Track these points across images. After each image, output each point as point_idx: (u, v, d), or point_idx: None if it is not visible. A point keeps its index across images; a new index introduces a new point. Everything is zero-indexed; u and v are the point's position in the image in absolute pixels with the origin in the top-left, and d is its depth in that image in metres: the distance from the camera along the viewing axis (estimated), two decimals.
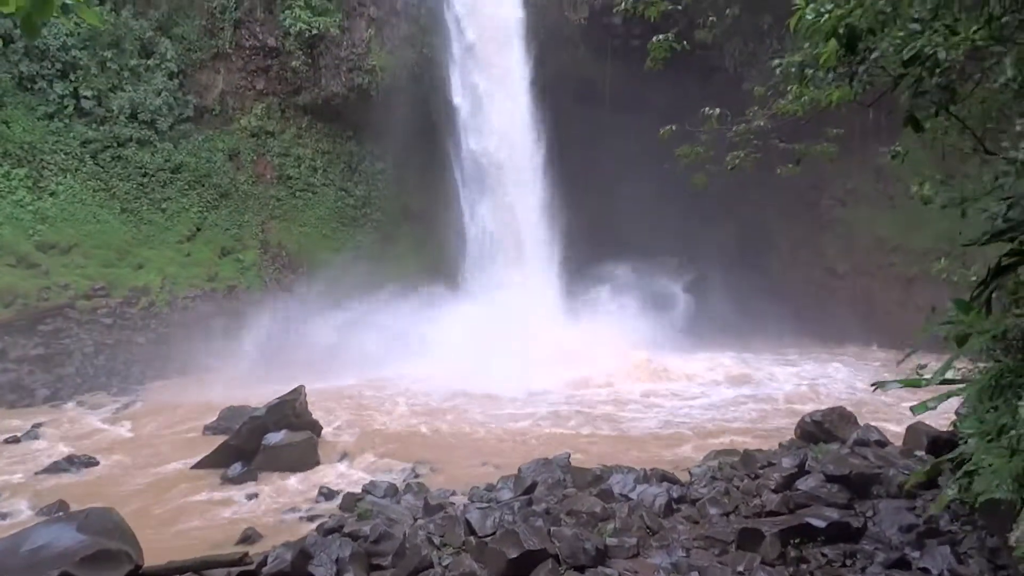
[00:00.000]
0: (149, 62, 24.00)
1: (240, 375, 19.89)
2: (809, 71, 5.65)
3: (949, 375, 5.61)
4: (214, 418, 15.88)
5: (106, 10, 23.12)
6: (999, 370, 4.77)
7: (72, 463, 13.55)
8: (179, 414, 17.13)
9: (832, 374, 20.79)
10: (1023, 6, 5.31)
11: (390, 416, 16.83)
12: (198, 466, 13.33)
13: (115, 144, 22.93)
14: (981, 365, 5.93)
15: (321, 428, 14.93)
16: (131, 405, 18.26)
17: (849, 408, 12.72)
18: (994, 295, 4.99)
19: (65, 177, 21.84)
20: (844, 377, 20.29)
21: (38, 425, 16.16)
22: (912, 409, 5.21)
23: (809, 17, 5.45)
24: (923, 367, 6.48)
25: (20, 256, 19.86)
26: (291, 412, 14.20)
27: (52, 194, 21.46)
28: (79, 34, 22.27)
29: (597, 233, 25.97)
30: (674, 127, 8.66)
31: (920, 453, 9.58)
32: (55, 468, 13.34)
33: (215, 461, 13.27)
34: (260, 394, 16.33)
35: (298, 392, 14.74)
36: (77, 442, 15.15)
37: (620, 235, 24.89)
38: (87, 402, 18.63)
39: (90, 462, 13.68)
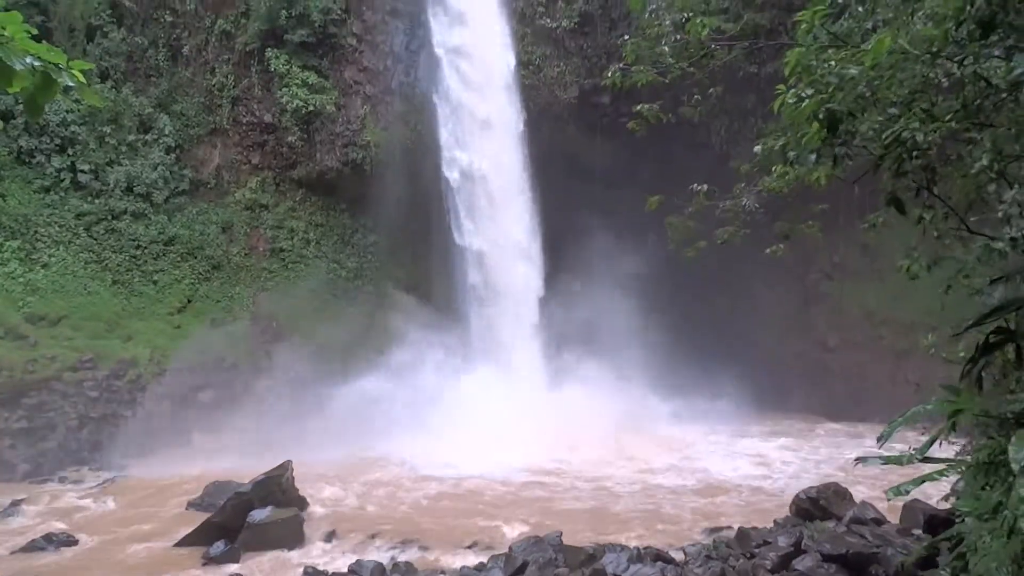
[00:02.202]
0: (147, 137, 24.46)
1: (227, 449, 19.55)
2: (792, 154, 5.81)
3: (943, 453, 5.57)
4: (199, 494, 15.53)
5: (107, 87, 23.69)
6: (993, 448, 4.74)
7: (50, 541, 13.17)
8: (163, 490, 16.75)
9: (826, 448, 20.59)
10: (997, 91, 5.51)
11: (378, 492, 16.50)
12: (180, 544, 12.97)
13: (109, 217, 23.13)
14: (974, 442, 5.90)
15: (307, 504, 14.62)
16: (114, 480, 17.86)
17: (843, 484, 12.57)
18: (983, 372, 5.01)
19: (58, 249, 21.93)
20: (837, 451, 20.08)
21: (17, 502, 15.73)
22: (886, 492, 5.16)
23: (791, 101, 5.63)
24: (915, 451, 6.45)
25: (9, 328, 19.73)
26: (277, 488, 13.93)
27: (44, 266, 21.49)
28: (79, 110, 22.71)
29: (589, 306, 26.00)
30: (662, 197, 8.84)
31: (917, 531, 9.44)
32: (32, 547, 12.95)
33: (198, 539, 12.93)
34: (247, 469, 16.02)
35: (284, 467, 14.49)
36: (57, 519, 14.74)
37: (611, 307, 24.94)
38: (69, 477, 18.21)
39: (69, 540, 13.29)
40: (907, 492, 4.97)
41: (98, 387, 20.36)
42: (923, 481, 4.96)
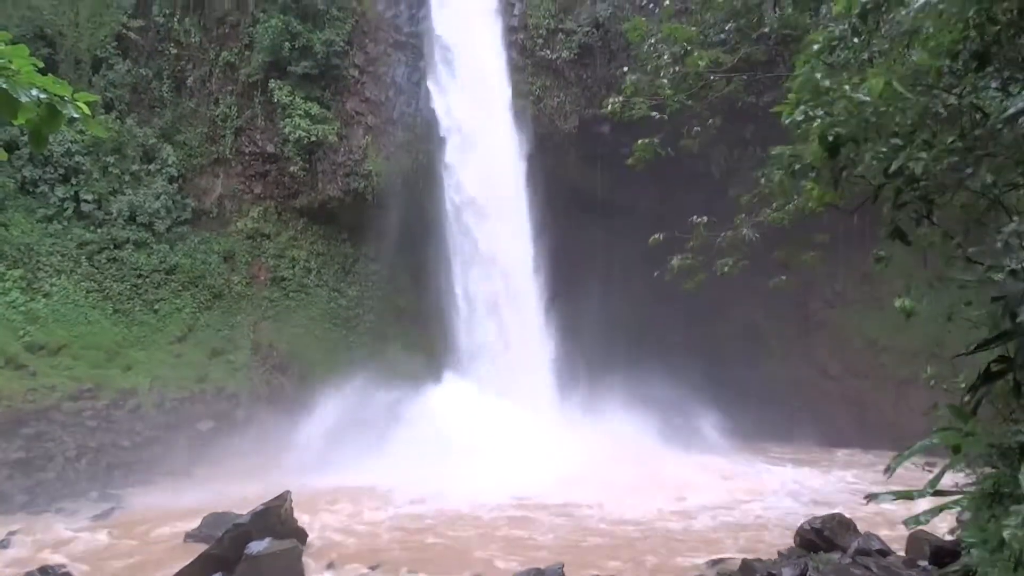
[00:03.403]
0: (150, 167, 24.65)
1: (226, 479, 19.42)
2: (796, 167, 5.85)
3: (947, 481, 5.51)
4: (196, 525, 15.37)
5: (111, 118, 23.94)
6: (996, 477, 4.71)
7: (46, 574, 12.96)
8: (161, 520, 16.57)
9: (828, 477, 20.42)
10: (993, 121, 5.55)
11: (380, 523, 16.33)
12: None
13: (112, 246, 23.21)
14: (978, 471, 5.85)
15: (307, 536, 14.47)
16: (112, 511, 17.68)
17: (847, 514, 12.45)
18: (984, 401, 4.99)
19: (59, 278, 21.96)
20: (840, 481, 19.92)
21: (12, 533, 15.54)
22: (905, 522, 5.12)
23: (799, 118, 5.69)
24: (931, 464, 6.41)
25: (8, 357, 19.67)
26: (276, 519, 13.78)
27: (45, 295, 21.51)
28: (83, 141, 22.91)
29: (591, 333, 26.02)
30: (662, 236, 8.89)
31: (923, 563, 9.33)
32: None
33: (195, 571, 12.74)
34: (246, 499, 15.90)
35: (284, 498, 14.35)
36: (52, 551, 14.56)
37: (613, 335, 24.98)
38: (66, 508, 18.01)
39: (65, 573, 13.10)
40: (926, 521, 4.93)
41: (97, 417, 20.27)
42: (941, 510, 4.93)
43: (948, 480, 5.21)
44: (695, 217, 8.63)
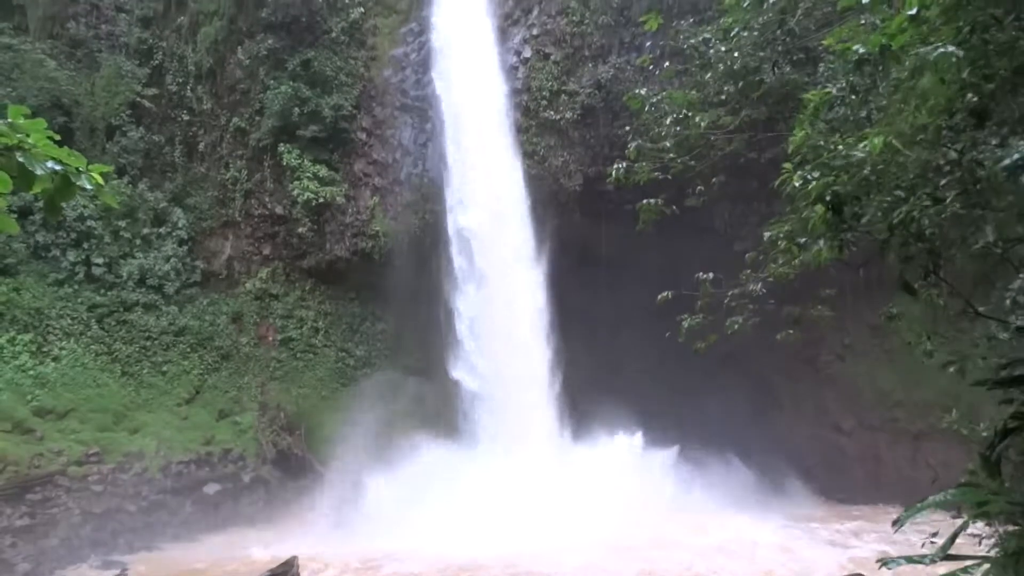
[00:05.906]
0: (161, 230, 25.00)
1: (233, 544, 19.12)
2: (799, 240, 5.89)
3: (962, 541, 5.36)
4: None
5: (124, 183, 24.37)
6: (1020, 536, 4.59)
7: None
8: None
9: (845, 536, 19.95)
10: (996, 174, 5.60)
11: None
12: None
13: (121, 308, 23.38)
14: (1001, 530, 5.71)
15: None
16: None
17: (867, 573, 12.13)
18: (1004, 456, 4.90)
19: (69, 341, 22.05)
20: (858, 538, 19.45)
21: None
22: None
23: (797, 184, 5.75)
24: (935, 534, 6.26)
25: (16, 422, 19.62)
26: None
27: (55, 359, 21.56)
28: (95, 206, 23.29)
29: (598, 390, 25.82)
30: (670, 294, 8.92)
31: None
32: None
33: None
34: (253, 564, 15.62)
35: (290, 564, 14.13)
36: None
37: (621, 391, 24.74)
38: None
39: None
40: None
41: (103, 481, 20.07)
42: (978, 567, 4.75)
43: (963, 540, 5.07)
44: (701, 274, 8.66)
